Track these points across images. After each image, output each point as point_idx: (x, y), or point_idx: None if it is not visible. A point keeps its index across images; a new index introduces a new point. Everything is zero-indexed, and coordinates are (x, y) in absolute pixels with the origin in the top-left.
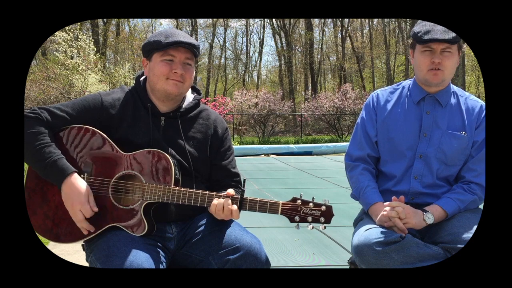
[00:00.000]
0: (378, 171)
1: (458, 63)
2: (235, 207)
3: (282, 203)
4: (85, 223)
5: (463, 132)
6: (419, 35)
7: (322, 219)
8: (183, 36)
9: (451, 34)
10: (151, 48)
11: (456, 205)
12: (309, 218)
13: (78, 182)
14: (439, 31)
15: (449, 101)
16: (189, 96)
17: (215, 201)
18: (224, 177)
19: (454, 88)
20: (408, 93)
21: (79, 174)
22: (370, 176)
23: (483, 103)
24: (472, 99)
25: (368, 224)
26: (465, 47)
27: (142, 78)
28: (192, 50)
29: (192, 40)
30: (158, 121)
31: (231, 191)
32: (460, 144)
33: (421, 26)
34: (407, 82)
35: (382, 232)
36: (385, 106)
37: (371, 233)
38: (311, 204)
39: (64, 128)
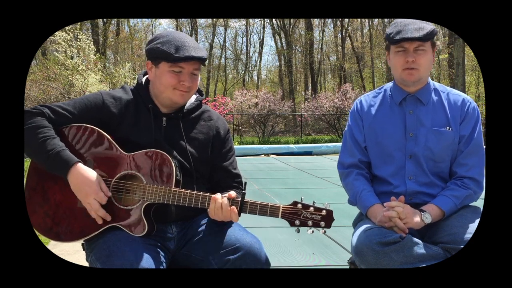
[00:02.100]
0: (372, 175)
1: (434, 60)
2: (234, 208)
3: (282, 207)
4: (101, 211)
5: (448, 128)
6: (391, 36)
7: (322, 223)
8: (193, 48)
9: (422, 32)
10: (159, 56)
11: (452, 202)
12: (310, 222)
13: (85, 171)
14: (410, 30)
15: (430, 98)
16: (191, 97)
17: (212, 204)
18: (225, 178)
19: (435, 85)
20: (390, 95)
21: None
22: (364, 181)
23: (466, 96)
24: (454, 94)
25: (367, 224)
26: (467, 49)
27: (144, 78)
28: (201, 61)
29: (202, 52)
30: (160, 121)
31: (232, 193)
32: (446, 140)
33: (393, 27)
34: (389, 85)
35: (381, 232)
36: (369, 111)
37: (370, 233)
38: (311, 208)
39: (65, 126)
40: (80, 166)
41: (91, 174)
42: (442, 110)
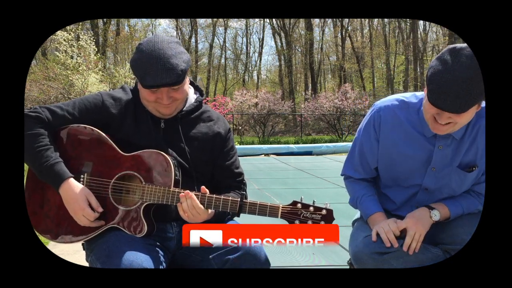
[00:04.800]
0: (379, 191)
1: (477, 109)
2: (195, 200)
3: (282, 207)
4: (93, 224)
5: (474, 168)
6: (430, 92)
7: (322, 223)
8: (162, 71)
9: (462, 104)
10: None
11: (461, 211)
12: (309, 222)
13: (74, 187)
14: (449, 100)
15: (464, 131)
16: (191, 97)
17: (180, 209)
18: (227, 177)
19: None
20: (419, 120)
21: (79, 174)
22: (365, 183)
23: None
24: None
25: (366, 228)
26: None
27: None
28: (172, 85)
29: (172, 75)
30: (158, 123)
31: (204, 188)
32: (470, 180)
33: (434, 76)
34: (420, 97)
35: (381, 242)
36: (389, 132)
37: (369, 241)
38: (311, 208)
39: (64, 127)
40: (70, 182)
41: (79, 191)
42: (473, 142)
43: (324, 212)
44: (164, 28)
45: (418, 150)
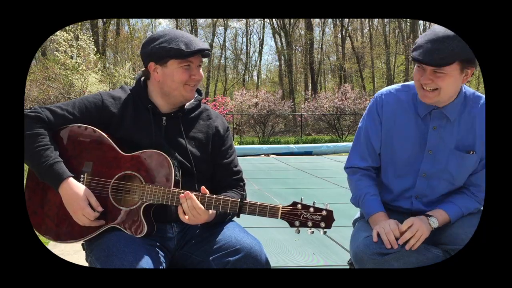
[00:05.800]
0: (379, 180)
1: (464, 81)
2: (195, 200)
3: (282, 208)
4: (93, 223)
5: (472, 152)
6: (412, 47)
7: (322, 224)
8: (198, 40)
9: (438, 55)
10: (168, 55)
11: (461, 212)
12: (309, 223)
13: (74, 187)
14: (427, 51)
15: (458, 115)
16: None
17: (180, 211)
18: (226, 176)
19: (469, 91)
20: (415, 101)
21: (79, 174)
22: (369, 182)
23: None
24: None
25: (366, 228)
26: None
27: (142, 79)
28: (207, 52)
29: (206, 44)
30: (160, 121)
31: (204, 188)
32: (468, 165)
33: (419, 38)
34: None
35: (381, 243)
36: (391, 114)
37: (370, 242)
38: (311, 209)
39: (64, 127)
40: (70, 181)
41: (79, 190)
42: (470, 129)
43: (324, 213)
44: (164, 28)
45: (415, 130)
